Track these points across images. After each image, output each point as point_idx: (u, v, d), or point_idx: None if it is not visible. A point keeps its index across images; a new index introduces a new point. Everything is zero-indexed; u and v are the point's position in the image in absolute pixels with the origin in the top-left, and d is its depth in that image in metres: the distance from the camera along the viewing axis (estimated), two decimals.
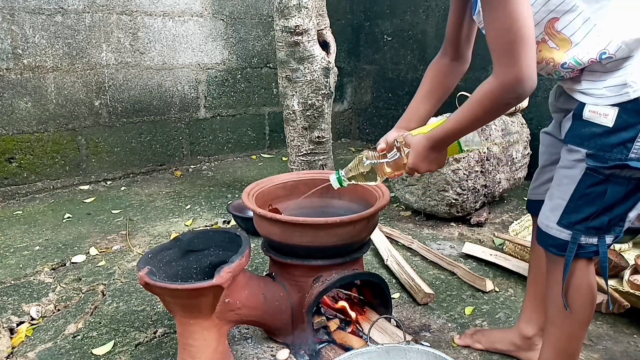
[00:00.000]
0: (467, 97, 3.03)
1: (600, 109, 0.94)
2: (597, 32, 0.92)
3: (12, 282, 1.90)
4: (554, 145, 1.19)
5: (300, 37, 2.31)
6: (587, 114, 0.97)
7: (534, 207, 1.25)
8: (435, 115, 1.31)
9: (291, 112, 2.49)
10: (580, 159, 0.99)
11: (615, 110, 0.92)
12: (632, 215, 1.01)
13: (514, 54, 0.89)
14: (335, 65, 2.53)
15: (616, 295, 1.54)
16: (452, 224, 2.46)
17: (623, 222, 1.01)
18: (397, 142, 1.15)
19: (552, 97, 1.16)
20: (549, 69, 1.02)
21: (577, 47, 0.95)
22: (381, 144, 1.21)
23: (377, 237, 2.16)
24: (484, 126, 2.42)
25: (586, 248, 1.02)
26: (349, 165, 1.22)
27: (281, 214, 1.53)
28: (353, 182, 1.22)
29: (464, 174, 2.29)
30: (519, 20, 0.87)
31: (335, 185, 1.24)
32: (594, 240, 1.01)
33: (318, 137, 2.51)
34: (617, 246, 1.93)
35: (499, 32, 0.90)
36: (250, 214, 1.75)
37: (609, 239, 1.02)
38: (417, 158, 1.09)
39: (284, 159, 3.81)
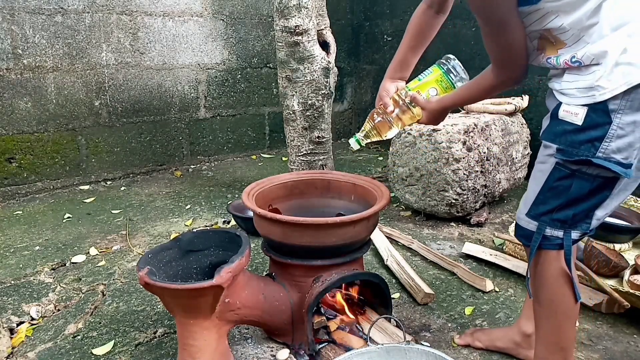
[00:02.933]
0: None
1: (572, 109, 1.01)
2: (584, 43, 0.98)
3: (12, 282, 1.90)
4: None
5: (300, 37, 2.31)
6: (561, 113, 1.03)
7: None
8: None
9: (291, 112, 2.49)
10: (552, 154, 1.05)
11: (585, 110, 0.98)
12: (599, 213, 1.05)
13: (512, 65, 1.08)
14: (335, 65, 2.53)
15: (616, 295, 1.55)
16: (452, 224, 2.46)
17: (590, 219, 1.06)
18: (399, 96, 1.32)
19: (546, 98, 1.21)
20: (539, 60, 1.10)
21: (567, 49, 1.01)
22: (389, 105, 1.35)
23: (377, 237, 2.16)
24: (484, 126, 2.42)
25: (551, 240, 1.07)
26: (362, 127, 1.36)
27: (281, 214, 1.53)
28: (369, 140, 1.36)
29: (464, 174, 2.29)
30: (515, 43, 1.03)
31: (355, 146, 1.36)
32: (560, 234, 1.06)
33: (318, 137, 2.51)
34: (617, 246, 1.93)
35: (499, 51, 1.07)
36: (250, 214, 1.74)
37: (575, 234, 1.06)
38: (431, 118, 1.30)
39: (284, 159, 3.81)
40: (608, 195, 1.03)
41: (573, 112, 1.00)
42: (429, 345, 1.47)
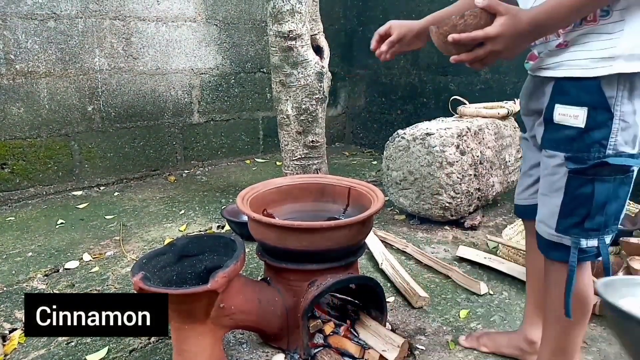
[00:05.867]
0: (460, 100, 3.01)
1: (570, 111, 0.95)
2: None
3: (5, 288, 1.89)
4: (530, 148, 1.22)
5: (293, 42, 2.32)
6: (557, 117, 0.98)
7: (521, 211, 1.29)
8: (428, 119, 1.32)
9: (285, 117, 2.49)
10: (561, 164, 1.00)
11: (585, 110, 0.93)
12: (624, 212, 1.02)
13: None
14: (329, 70, 2.54)
15: None
16: (446, 227, 2.47)
17: (618, 220, 1.02)
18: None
19: (524, 98, 1.15)
20: None
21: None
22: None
23: (372, 241, 2.16)
24: (477, 130, 2.44)
25: (588, 252, 1.02)
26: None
27: (274, 218, 1.53)
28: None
29: (458, 177, 2.30)
30: None
31: None
32: (595, 242, 1.01)
33: (312, 141, 2.52)
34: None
35: None
36: (245, 218, 1.74)
37: (607, 239, 1.02)
38: (508, 30, 0.90)
39: (278, 163, 3.80)
40: (629, 190, 0.99)
41: (572, 115, 0.94)
42: (424, 348, 1.47)
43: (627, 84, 0.91)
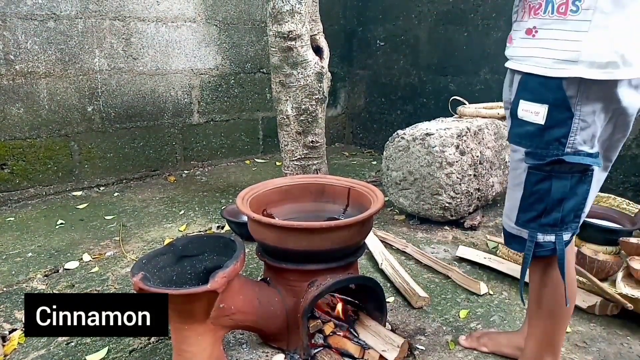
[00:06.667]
0: (460, 101, 3.01)
1: (531, 107, 0.97)
2: None
3: (4, 289, 1.89)
4: None
5: (293, 43, 2.32)
6: (520, 112, 1.00)
7: None
8: (428, 119, 1.33)
9: (285, 117, 2.49)
10: (522, 158, 1.03)
11: (545, 108, 0.95)
12: (586, 210, 1.04)
13: None
14: (329, 70, 2.54)
15: (618, 297, 1.55)
16: (446, 227, 2.47)
17: (578, 218, 1.04)
18: None
19: (505, 90, 1.17)
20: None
21: None
22: None
23: (372, 241, 2.16)
24: (477, 130, 2.43)
25: (544, 246, 1.05)
26: None
27: (274, 218, 1.53)
28: None
29: (457, 177, 2.30)
30: None
31: None
32: (551, 238, 1.05)
33: (312, 141, 2.52)
34: (608, 248, 1.94)
35: None
36: (244, 218, 1.74)
37: (566, 235, 1.04)
38: None
39: (277, 163, 3.80)
40: (589, 189, 1.01)
41: (533, 111, 0.97)
42: (423, 348, 1.47)
43: (588, 86, 0.93)
